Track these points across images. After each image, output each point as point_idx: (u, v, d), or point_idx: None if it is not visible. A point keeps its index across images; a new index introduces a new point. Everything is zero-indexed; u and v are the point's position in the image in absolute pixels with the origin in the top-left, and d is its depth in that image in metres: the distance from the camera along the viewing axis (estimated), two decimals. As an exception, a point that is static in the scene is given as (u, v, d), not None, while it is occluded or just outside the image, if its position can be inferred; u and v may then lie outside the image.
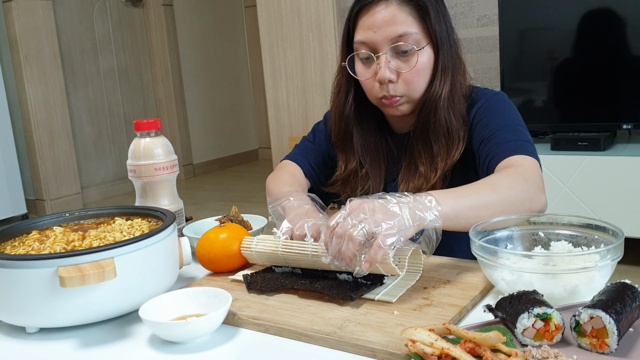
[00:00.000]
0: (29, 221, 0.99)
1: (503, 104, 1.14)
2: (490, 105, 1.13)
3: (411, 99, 1.12)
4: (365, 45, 1.10)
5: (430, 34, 1.09)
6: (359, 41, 1.11)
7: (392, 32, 1.07)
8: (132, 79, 4.83)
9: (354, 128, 1.20)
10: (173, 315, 0.82)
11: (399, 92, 1.11)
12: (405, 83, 1.10)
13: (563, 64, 2.74)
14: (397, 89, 1.10)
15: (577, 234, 0.88)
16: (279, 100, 3.80)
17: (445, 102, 1.11)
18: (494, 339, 0.62)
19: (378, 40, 1.08)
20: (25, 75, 3.99)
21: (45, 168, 4.13)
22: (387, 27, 1.07)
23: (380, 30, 1.07)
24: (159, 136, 1.15)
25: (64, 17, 4.30)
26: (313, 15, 3.56)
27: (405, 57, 1.09)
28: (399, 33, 1.07)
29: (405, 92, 1.11)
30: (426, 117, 1.12)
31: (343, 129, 1.21)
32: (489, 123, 1.10)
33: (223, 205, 4.13)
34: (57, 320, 0.82)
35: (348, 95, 1.19)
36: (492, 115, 1.11)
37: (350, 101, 1.19)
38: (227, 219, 1.13)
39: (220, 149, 5.52)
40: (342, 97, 1.20)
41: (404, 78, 1.09)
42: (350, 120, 1.20)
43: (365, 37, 1.09)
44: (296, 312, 0.82)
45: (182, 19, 5.08)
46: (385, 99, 1.12)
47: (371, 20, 1.08)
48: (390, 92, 1.10)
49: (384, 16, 1.07)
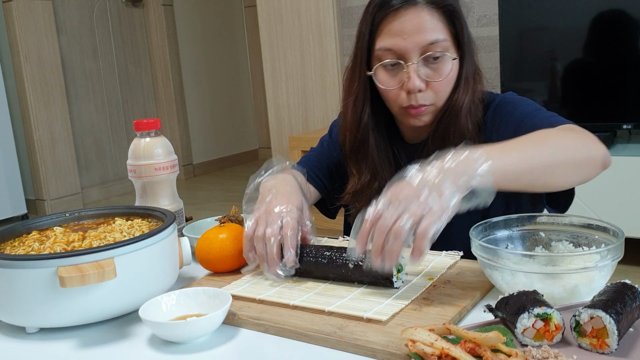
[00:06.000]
0: (29, 221, 0.99)
1: (518, 97, 1.11)
2: (507, 102, 1.10)
3: (436, 108, 1.07)
4: (392, 52, 1.03)
5: (458, 40, 1.05)
6: (384, 48, 1.04)
7: (423, 40, 1.01)
8: (132, 79, 4.83)
9: (371, 138, 1.13)
10: (173, 315, 0.82)
11: (428, 101, 1.05)
12: (434, 92, 1.05)
13: (563, 64, 2.74)
14: (426, 98, 1.05)
15: (578, 234, 0.88)
16: (279, 100, 3.80)
17: (466, 110, 1.06)
18: (494, 339, 0.62)
19: (408, 47, 1.02)
20: (25, 76, 3.98)
21: (45, 168, 4.13)
22: (418, 33, 1.01)
23: (410, 37, 1.01)
24: (159, 136, 1.15)
25: (64, 17, 4.29)
26: (313, 15, 3.56)
27: (434, 64, 1.03)
28: (430, 40, 1.01)
29: (433, 100, 1.06)
30: (446, 127, 1.07)
31: (359, 139, 1.14)
32: (514, 114, 1.06)
33: (223, 205, 4.13)
34: (57, 320, 0.82)
35: (365, 104, 1.12)
36: (513, 108, 1.08)
37: (367, 111, 1.12)
38: (227, 219, 1.12)
39: (220, 149, 5.52)
40: (359, 106, 1.12)
41: (432, 87, 1.04)
42: (367, 130, 1.13)
43: (392, 44, 1.03)
44: (296, 312, 0.82)
45: (182, 19, 5.08)
46: (412, 109, 1.06)
47: (400, 26, 1.02)
48: (419, 101, 1.04)
49: (414, 22, 1.01)
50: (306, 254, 0.92)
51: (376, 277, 0.86)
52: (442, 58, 1.03)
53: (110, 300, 0.82)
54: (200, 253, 0.99)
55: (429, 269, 0.92)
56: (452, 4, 1.03)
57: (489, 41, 3.06)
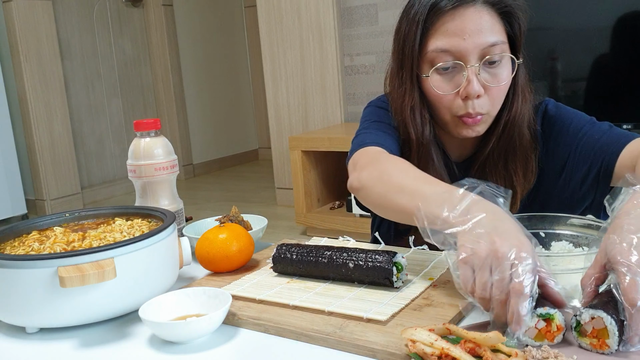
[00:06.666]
0: (29, 221, 0.99)
1: (559, 105, 1.08)
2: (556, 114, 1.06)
3: (490, 117, 1.00)
4: (449, 53, 0.95)
5: (514, 43, 0.99)
6: (439, 49, 0.96)
7: (484, 41, 0.94)
8: (132, 79, 4.83)
9: (433, 152, 1.02)
10: (173, 315, 0.82)
11: (484, 109, 0.97)
12: (490, 99, 0.97)
13: (563, 64, 2.74)
14: (483, 105, 0.97)
15: (578, 234, 0.88)
16: (279, 100, 3.80)
17: (528, 122, 1.00)
18: (494, 339, 0.62)
19: (468, 48, 0.94)
20: (25, 75, 3.98)
21: (45, 168, 4.13)
22: (479, 34, 0.94)
23: (470, 38, 0.94)
24: (159, 136, 1.15)
25: (64, 17, 4.29)
26: (313, 15, 3.56)
27: (493, 69, 0.96)
28: (490, 42, 0.94)
29: (489, 109, 0.98)
30: (508, 141, 1.00)
31: (424, 154, 1.03)
32: (568, 128, 1.01)
33: (223, 205, 4.13)
34: (57, 320, 0.82)
35: (423, 111, 1.02)
36: (565, 120, 1.03)
37: (427, 117, 1.01)
38: (227, 219, 1.13)
39: (220, 149, 5.52)
40: (418, 114, 1.01)
41: (490, 93, 0.97)
42: (429, 143, 1.02)
43: (450, 45, 0.95)
44: (296, 312, 0.82)
45: (182, 19, 5.08)
46: (468, 117, 0.98)
47: (460, 25, 0.94)
48: (476, 109, 0.96)
49: (474, 22, 0.94)
50: (306, 253, 0.92)
51: (376, 277, 0.86)
52: (501, 62, 0.96)
53: (110, 300, 0.82)
54: (200, 253, 0.99)
55: (429, 269, 0.92)
56: (511, 5, 0.97)
57: (489, 41, 3.06)
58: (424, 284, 0.87)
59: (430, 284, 0.87)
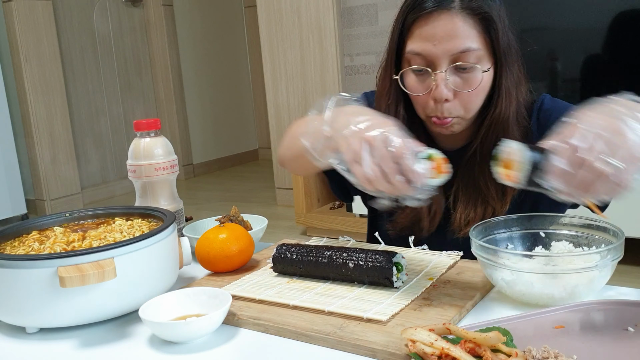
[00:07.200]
0: (29, 221, 0.99)
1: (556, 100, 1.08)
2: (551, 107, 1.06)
3: (465, 119, 1.02)
4: (421, 57, 0.98)
5: (494, 48, 0.99)
6: (413, 52, 0.99)
7: (454, 47, 0.95)
8: (132, 78, 4.83)
9: None
10: (173, 315, 0.82)
11: (453, 114, 1.00)
12: (462, 103, 0.99)
13: (563, 64, 2.74)
14: (452, 109, 0.99)
15: (578, 234, 0.89)
16: (279, 100, 3.80)
17: (513, 122, 1.01)
18: (494, 339, 0.62)
19: (437, 54, 0.96)
20: (25, 75, 3.98)
21: (45, 168, 4.13)
22: (449, 40, 0.95)
23: (440, 44, 0.95)
24: (159, 136, 1.15)
25: (64, 17, 4.29)
26: (313, 15, 3.56)
27: (465, 74, 0.97)
28: (461, 48, 0.95)
29: (460, 113, 1.00)
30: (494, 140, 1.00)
31: None
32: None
33: (223, 205, 4.13)
34: (57, 320, 0.82)
35: (398, 106, 1.06)
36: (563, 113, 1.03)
37: (401, 112, 1.06)
38: (227, 219, 1.13)
39: (220, 149, 5.52)
40: (392, 109, 1.06)
41: (461, 98, 0.99)
42: None
43: (421, 49, 0.97)
44: (296, 312, 0.82)
45: (182, 19, 5.08)
46: (436, 119, 1.01)
47: (431, 31, 0.96)
48: (444, 112, 0.99)
49: (446, 28, 0.95)
50: (306, 253, 0.92)
51: (376, 277, 0.86)
52: (474, 67, 0.97)
53: (110, 300, 0.82)
54: (200, 253, 0.99)
55: (429, 269, 0.93)
56: (488, 12, 0.97)
57: (489, 41, 3.06)
58: (424, 284, 0.87)
59: (430, 284, 0.87)
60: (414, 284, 0.87)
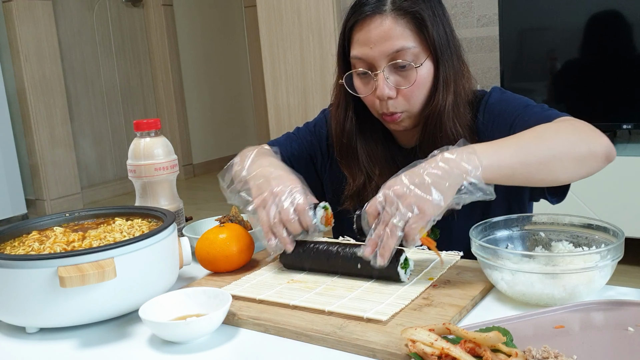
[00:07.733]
0: (29, 221, 0.99)
1: (506, 95, 1.10)
2: (497, 101, 1.09)
3: (412, 113, 1.08)
4: (362, 61, 1.05)
5: (429, 45, 1.04)
6: (355, 57, 1.06)
7: (389, 48, 1.02)
8: (132, 79, 4.83)
9: (357, 142, 1.14)
10: (173, 315, 0.82)
11: (399, 109, 1.06)
12: (405, 99, 1.05)
13: (563, 64, 2.74)
14: (397, 105, 1.06)
15: (578, 234, 0.88)
16: (279, 100, 3.80)
17: (449, 113, 1.06)
18: (494, 339, 0.62)
19: (375, 56, 1.03)
20: (25, 76, 3.98)
21: (45, 168, 4.13)
22: (384, 42, 1.02)
23: (376, 46, 1.02)
24: (159, 136, 1.15)
25: (64, 17, 4.29)
26: (313, 15, 3.56)
27: (403, 72, 1.03)
28: (395, 48, 1.01)
29: (406, 107, 1.06)
30: (432, 132, 1.07)
31: (345, 144, 1.15)
32: (506, 112, 1.05)
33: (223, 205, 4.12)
34: (57, 320, 0.82)
35: (347, 110, 1.14)
36: (504, 106, 1.07)
37: (350, 116, 1.14)
38: (227, 219, 1.13)
39: (220, 149, 5.52)
40: (342, 112, 1.14)
41: (403, 94, 1.05)
42: (352, 135, 1.14)
43: (361, 53, 1.04)
44: (296, 312, 0.82)
45: (182, 19, 5.08)
46: (386, 116, 1.08)
47: (366, 35, 1.03)
48: (390, 109, 1.06)
49: (379, 31, 1.02)
50: (315, 247, 0.94)
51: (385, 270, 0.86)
52: (410, 65, 1.03)
53: (110, 300, 0.82)
54: (200, 253, 0.99)
55: (429, 269, 0.93)
56: (419, 11, 1.02)
57: (489, 41, 3.06)
58: (424, 284, 0.87)
59: (430, 284, 0.87)
60: (414, 284, 0.87)
